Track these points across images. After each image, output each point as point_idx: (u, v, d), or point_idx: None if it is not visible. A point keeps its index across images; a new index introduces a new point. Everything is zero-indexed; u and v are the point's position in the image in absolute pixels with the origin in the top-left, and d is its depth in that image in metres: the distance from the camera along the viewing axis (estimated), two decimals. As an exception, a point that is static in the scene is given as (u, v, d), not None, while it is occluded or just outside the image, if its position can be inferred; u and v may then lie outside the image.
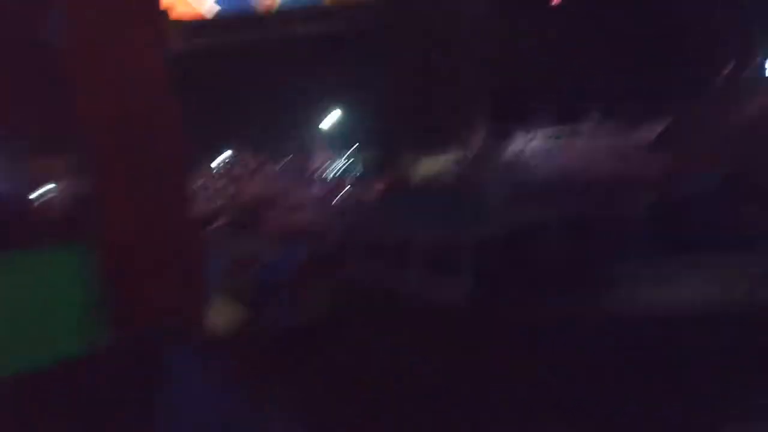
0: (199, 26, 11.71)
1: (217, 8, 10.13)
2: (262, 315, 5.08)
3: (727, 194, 8.47)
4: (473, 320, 5.99)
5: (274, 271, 7.15)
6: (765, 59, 33.74)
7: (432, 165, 49.90)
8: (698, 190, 8.08)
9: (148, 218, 3.50)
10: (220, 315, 5.18)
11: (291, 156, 32.26)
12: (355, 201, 17.26)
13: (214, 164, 18.11)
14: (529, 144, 38.76)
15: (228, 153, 18.96)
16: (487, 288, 6.25)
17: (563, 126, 38.03)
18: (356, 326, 5.83)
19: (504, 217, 7.41)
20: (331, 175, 28.47)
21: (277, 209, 16.65)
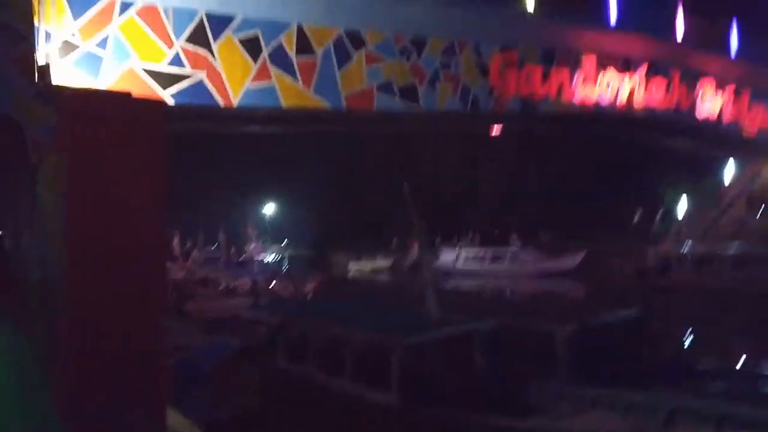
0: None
1: (172, 101, 10.44)
2: (182, 408, 4.89)
3: (639, 331, 9.19)
4: (399, 423, 6.00)
5: (198, 362, 6.94)
6: (666, 214, 37.30)
7: (366, 268, 49.78)
8: (615, 322, 8.68)
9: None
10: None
11: (222, 244, 31.84)
12: (288, 294, 17.19)
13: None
14: (460, 259, 39.94)
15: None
16: (413, 392, 6.32)
17: (491, 246, 39.61)
18: (282, 422, 5.68)
19: (433, 326, 7.67)
20: (264, 267, 28.06)
21: (205, 296, 16.30)
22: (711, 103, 19.83)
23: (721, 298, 20.38)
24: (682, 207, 37.72)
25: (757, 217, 33.77)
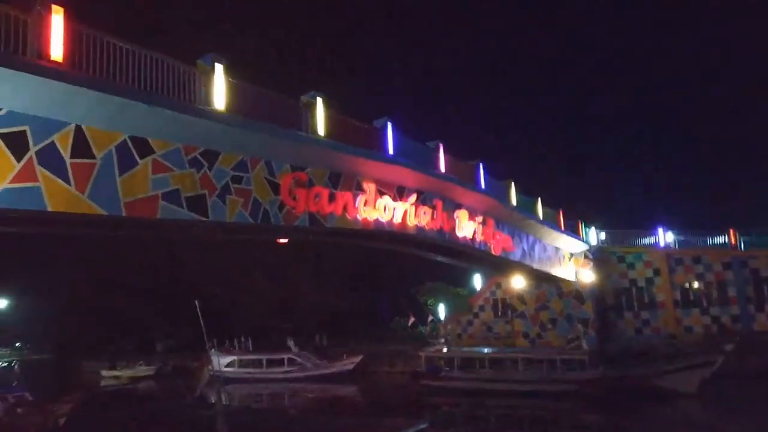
0: None
1: None
2: None
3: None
4: None
5: None
6: (432, 320, 40.84)
7: (124, 375, 44.28)
8: None
9: None
10: None
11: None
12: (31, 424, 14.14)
13: None
14: (235, 364, 37.90)
15: None
16: None
17: (266, 351, 38.32)
18: None
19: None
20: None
21: None
22: (466, 227, 23.02)
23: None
24: (443, 312, 41.94)
25: (500, 321, 39.07)
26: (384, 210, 18.65)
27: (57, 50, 10.09)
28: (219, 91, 13.17)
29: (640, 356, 26.38)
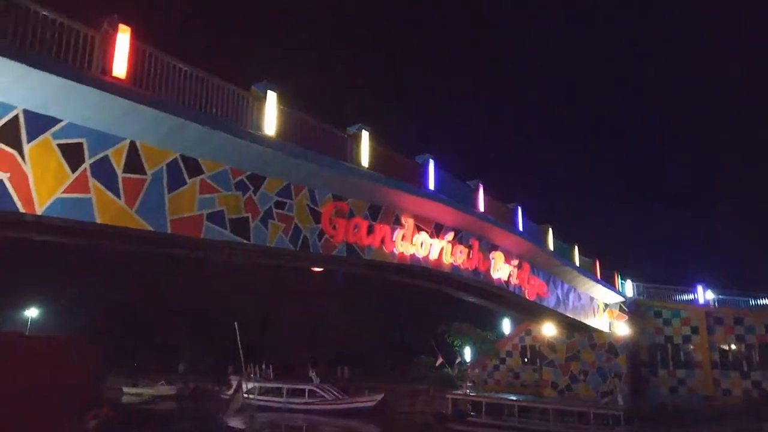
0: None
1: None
2: None
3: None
4: None
5: None
6: (460, 362, 39.97)
7: (146, 393, 44.40)
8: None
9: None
10: None
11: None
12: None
13: None
14: (255, 390, 37.61)
15: None
16: None
17: (287, 380, 38.00)
18: None
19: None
20: None
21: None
22: (502, 269, 22.61)
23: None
24: (469, 354, 40.95)
25: (528, 369, 37.94)
26: (421, 246, 18.47)
27: (120, 67, 10.38)
28: (270, 118, 13.35)
29: (676, 416, 25.15)
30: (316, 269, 19.29)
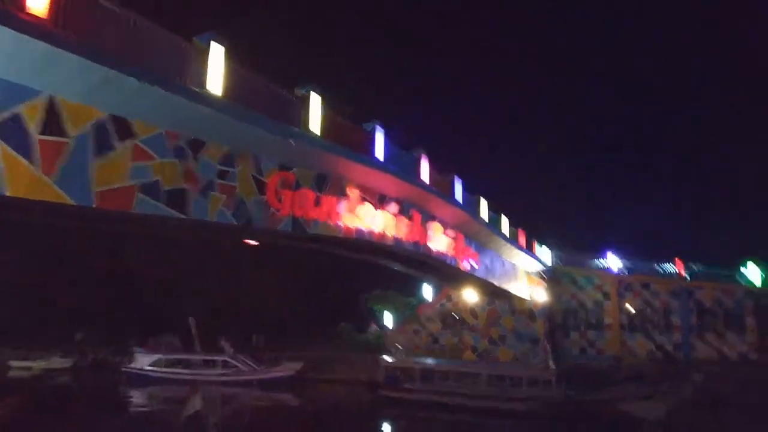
0: None
1: None
2: None
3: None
4: None
5: None
6: (379, 327, 39.88)
7: (37, 367, 40.71)
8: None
9: None
10: None
11: None
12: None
13: None
14: (161, 363, 35.47)
15: None
16: None
17: (196, 351, 36.09)
18: None
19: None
20: None
21: None
22: (439, 241, 22.18)
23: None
24: (390, 320, 41.03)
25: (448, 333, 38.67)
26: (366, 218, 17.45)
27: (38, 2, 8.27)
28: (216, 75, 11.57)
29: (591, 378, 26.46)
30: (252, 243, 17.73)
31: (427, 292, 41.59)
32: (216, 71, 11.59)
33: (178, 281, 44.86)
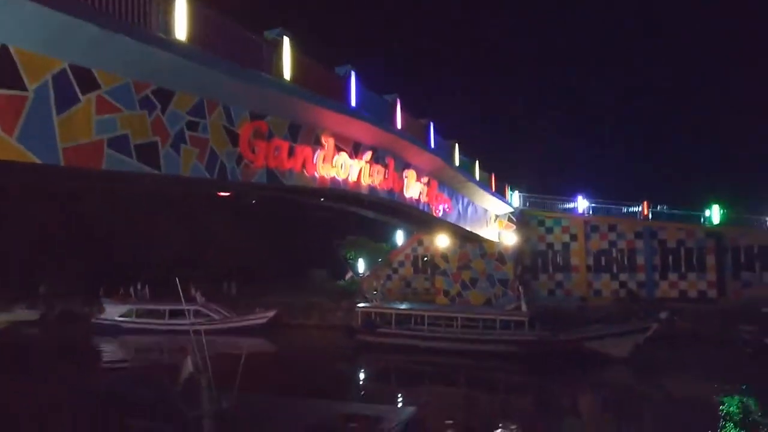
0: None
1: None
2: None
3: None
4: None
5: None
6: (352, 274, 40.04)
7: (1, 320, 40.08)
8: None
9: None
10: None
11: None
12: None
13: None
14: (132, 313, 35.30)
15: None
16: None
17: (166, 300, 35.88)
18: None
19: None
20: None
21: None
22: (413, 188, 22.09)
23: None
24: (362, 266, 41.35)
25: (420, 278, 39.24)
26: (341, 168, 17.14)
27: (-17, -60, 7.46)
28: (180, 18, 10.83)
29: (561, 319, 27.42)
30: (222, 194, 17.30)
31: (399, 237, 41.91)
32: (181, 15, 10.85)
33: (145, 230, 43.99)
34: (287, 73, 13.97)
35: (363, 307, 27.55)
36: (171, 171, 11.50)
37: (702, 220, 34.38)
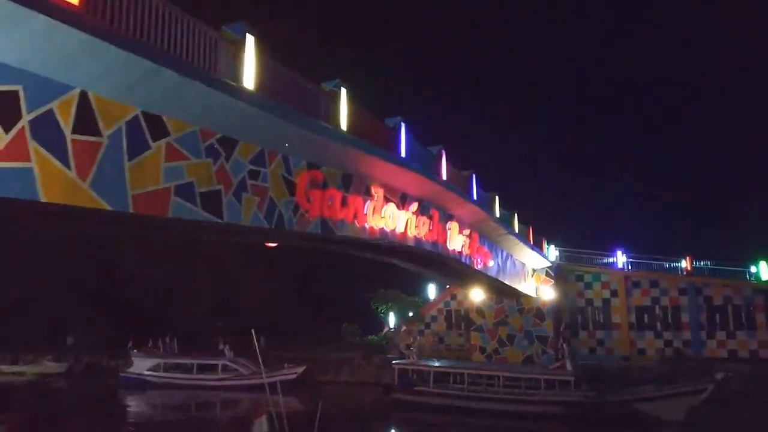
0: None
1: None
2: None
3: None
4: None
5: None
6: (387, 329, 39.22)
7: (29, 372, 39.60)
8: None
9: None
10: None
11: None
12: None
13: None
14: (160, 367, 34.61)
15: None
16: None
17: (194, 354, 35.19)
18: None
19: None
20: None
21: None
22: (456, 240, 21.66)
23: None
24: (393, 321, 40.41)
25: (453, 333, 38.14)
26: (389, 218, 16.84)
27: (73, -13, 7.51)
28: (249, 67, 10.85)
29: (605, 379, 26.13)
30: (270, 244, 17.05)
31: (431, 290, 41.08)
32: (250, 64, 10.87)
33: (174, 281, 43.85)
34: (343, 124, 13.90)
35: (399, 363, 26.57)
36: (232, 220, 11.28)
37: (747, 275, 33.16)
